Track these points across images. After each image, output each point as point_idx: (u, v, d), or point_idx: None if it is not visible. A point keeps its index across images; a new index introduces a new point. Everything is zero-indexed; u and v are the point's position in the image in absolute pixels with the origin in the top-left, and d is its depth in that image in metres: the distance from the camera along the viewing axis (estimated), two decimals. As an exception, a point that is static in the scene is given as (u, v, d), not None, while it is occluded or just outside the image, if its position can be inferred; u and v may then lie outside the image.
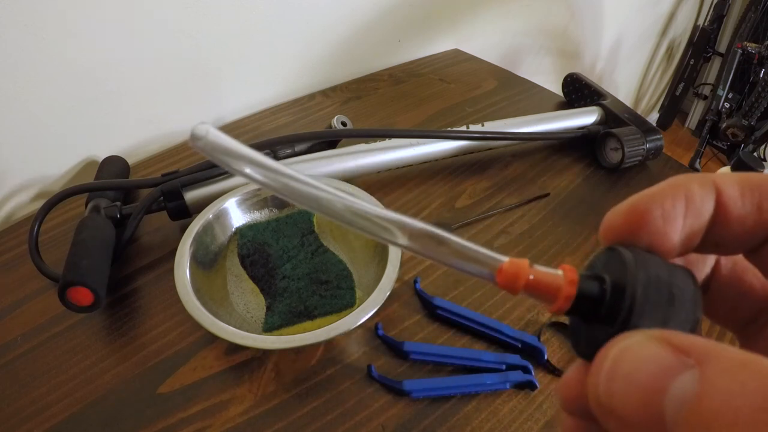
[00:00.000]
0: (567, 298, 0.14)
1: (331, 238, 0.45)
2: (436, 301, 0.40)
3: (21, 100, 0.50)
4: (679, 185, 0.14)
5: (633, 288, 0.13)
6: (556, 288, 0.14)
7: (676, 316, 0.13)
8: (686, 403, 0.10)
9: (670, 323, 0.13)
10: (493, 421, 0.34)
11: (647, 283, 0.13)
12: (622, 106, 0.60)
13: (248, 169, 0.14)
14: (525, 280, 0.14)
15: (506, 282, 0.14)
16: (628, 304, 0.13)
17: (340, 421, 0.34)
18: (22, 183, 0.54)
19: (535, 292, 0.14)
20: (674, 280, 0.13)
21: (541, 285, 0.14)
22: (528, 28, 1.03)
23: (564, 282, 0.14)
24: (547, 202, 0.52)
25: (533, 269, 0.14)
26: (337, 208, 0.15)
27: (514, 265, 0.14)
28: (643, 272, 0.13)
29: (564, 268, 0.14)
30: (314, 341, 0.33)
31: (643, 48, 1.49)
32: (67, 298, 0.36)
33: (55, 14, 0.48)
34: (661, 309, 0.13)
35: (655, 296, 0.13)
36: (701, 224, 0.14)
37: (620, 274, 0.14)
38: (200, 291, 0.37)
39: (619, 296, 0.13)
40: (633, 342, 0.12)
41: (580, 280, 0.14)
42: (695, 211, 0.14)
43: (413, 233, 0.15)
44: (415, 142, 0.53)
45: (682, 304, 0.13)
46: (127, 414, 0.35)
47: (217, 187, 0.47)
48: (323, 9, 0.68)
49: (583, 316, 0.14)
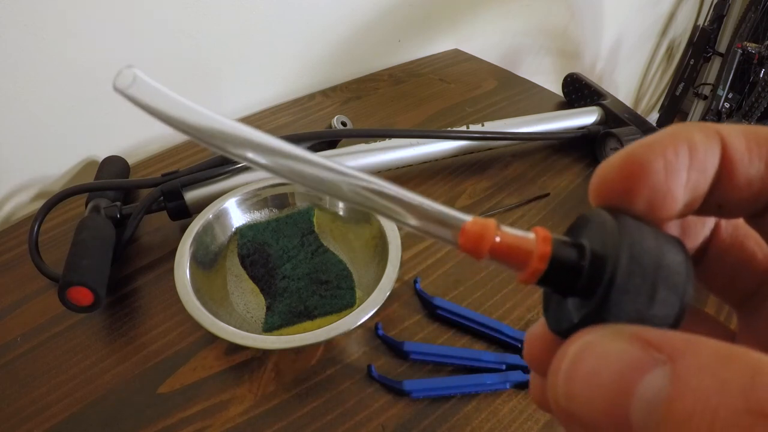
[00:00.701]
0: (538, 265, 0.12)
1: (331, 238, 0.45)
2: (436, 301, 0.40)
3: (21, 100, 0.50)
4: (680, 134, 0.12)
5: (615, 259, 0.11)
6: (526, 253, 0.12)
7: (663, 295, 0.11)
8: (655, 406, 0.09)
9: (655, 303, 0.11)
10: (493, 421, 0.34)
11: (632, 254, 0.11)
12: (622, 106, 0.60)
13: (182, 121, 0.13)
14: (490, 243, 0.12)
15: (469, 244, 0.12)
16: (608, 278, 0.11)
17: (340, 421, 0.34)
18: (22, 183, 0.54)
19: (502, 257, 0.12)
20: (664, 253, 0.11)
21: (509, 249, 0.12)
22: (528, 28, 1.03)
23: (536, 247, 0.12)
24: (547, 202, 0.52)
25: (500, 231, 0.12)
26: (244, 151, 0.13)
27: (478, 225, 0.12)
28: (627, 241, 0.11)
29: (536, 231, 0.13)
30: (314, 341, 0.33)
31: (643, 48, 1.49)
32: (67, 298, 0.36)
33: (55, 14, 0.48)
34: (646, 286, 0.11)
35: (640, 271, 0.11)
36: (706, 180, 0.12)
37: (602, 242, 0.12)
38: (200, 291, 0.37)
39: (599, 268, 0.11)
40: (595, 336, 0.10)
41: (554, 245, 0.12)
42: (699, 164, 0.12)
43: (357, 187, 0.13)
44: (415, 142, 0.53)
45: (671, 282, 0.11)
46: (127, 414, 0.35)
47: (217, 187, 0.47)
48: (323, 9, 0.68)
49: (557, 288, 0.13)
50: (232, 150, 0.13)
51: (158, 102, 0.13)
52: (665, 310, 0.11)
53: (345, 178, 0.13)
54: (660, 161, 0.12)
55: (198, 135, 0.13)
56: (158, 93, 0.13)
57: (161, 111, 0.13)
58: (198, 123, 0.13)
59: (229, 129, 0.13)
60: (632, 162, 0.12)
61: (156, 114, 0.13)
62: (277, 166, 0.13)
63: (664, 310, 0.11)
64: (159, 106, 0.13)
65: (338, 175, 0.13)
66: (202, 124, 0.13)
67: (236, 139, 0.13)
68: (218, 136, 0.13)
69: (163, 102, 0.13)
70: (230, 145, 0.13)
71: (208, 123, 0.13)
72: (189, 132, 0.13)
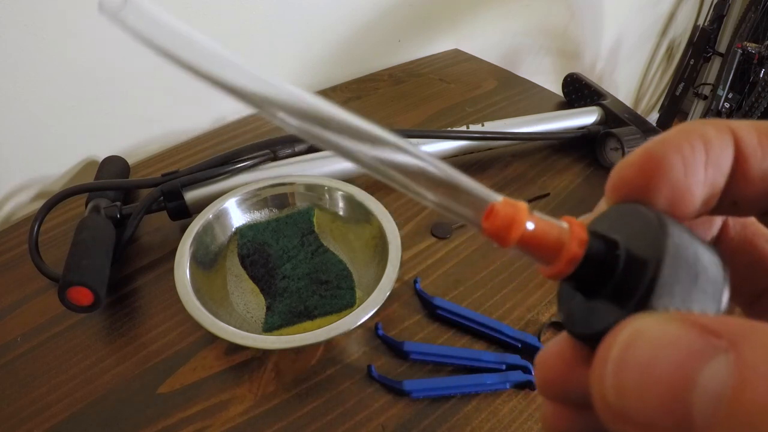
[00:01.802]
0: (571, 260, 0.11)
1: (331, 238, 0.45)
2: (436, 301, 0.40)
3: (21, 100, 0.50)
4: (694, 130, 0.11)
5: (658, 259, 0.10)
6: (559, 245, 0.11)
7: (702, 299, 0.10)
8: (721, 398, 0.08)
9: (694, 306, 0.10)
10: (493, 421, 0.34)
11: (676, 255, 0.10)
12: (622, 106, 0.60)
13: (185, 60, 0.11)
14: (521, 230, 0.11)
15: (497, 229, 0.11)
16: (649, 279, 0.10)
17: (340, 421, 0.34)
18: (22, 183, 0.54)
19: (532, 247, 0.11)
20: (700, 255, 0.11)
21: (541, 239, 0.11)
22: (528, 28, 1.03)
23: (570, 239, 0.11)
24: (547, 202, 0.52)
25: (534, 216, 0.11)
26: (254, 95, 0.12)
27: (509, 207, 0.11)
28: (672, 241, 0.10)
29: (570, 222, 0.11)
30: (314, 341, 0.33)
31: (643, 48, 1.49)
32: (67, 298, 0.36)
33: (55, 14, 0.48)
34: (686, 288, 0.10)
35: (682, 273, 0.10)
36: (722, 177, 0.11)
37: (640, 240, 0.11)
38: (200, 291, 0.37)
39: (637, 268, 0.10)
40: (648, 322, 0.09)
41: (589, 239, 0.11)
42: (715, 160, 0.11)
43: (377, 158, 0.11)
44: (415, 142, 0.53)
45: (710, 285, 0.10)
46: (127, 414, 0.35)
47: (217, 187, 0.47)
48: (323, 9, 0.68)
49: (584, 287, 0.12)
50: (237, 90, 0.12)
51: (156, 31, 0.11)
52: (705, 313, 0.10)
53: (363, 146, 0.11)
54: (678, 158, 0.11)
55: (208, 77, 0.12)
56: (152, 18, 0.11)
57: (160, 44, 0.11)
58: (204, 64, 0.12)
59: (235, 71, 0.12)
60: (651, 159, 0.11)
61: (153, 47, 0.11)
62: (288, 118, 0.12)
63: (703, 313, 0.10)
64: (157, 36, 0.11)
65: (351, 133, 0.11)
66: (210, 65, 0.12)
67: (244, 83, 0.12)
68: (224, 80, 0.12)
69: (163, 33, 0.11)
70: (236, 87, 0.12)
71: (219, 64, 0.12)
72: (197, 72, 0.12)
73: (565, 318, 0.12)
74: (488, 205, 0.11)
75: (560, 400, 0.12)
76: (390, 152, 0.11)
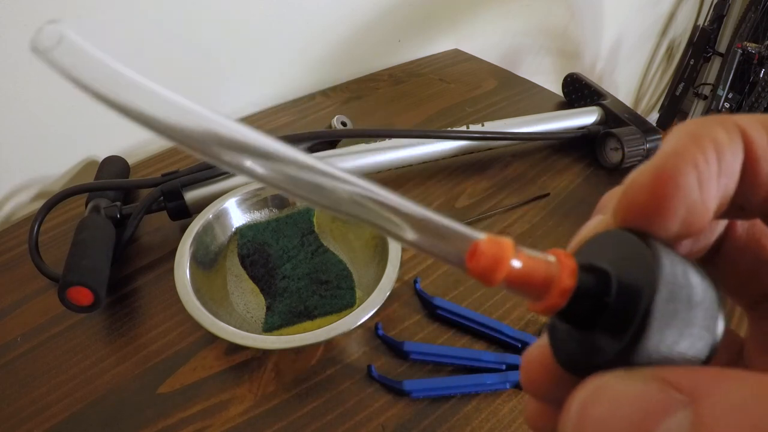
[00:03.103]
0: (563, 293, 0.11)
1: (331, 238, 0.45)
2: (436, 301, 0.40)
3: (21, 100, 0.50)
4: (703, 135, 0.10)
5: (651, 291, 0.10)
6: (548, 280, 0.11)
7: (696, 332, 0.10)
8: None
9: (688, 340, 0.10)
10: (493, 421, 0.34)
11: (669, 290, 0.10)
12: (622, 106, 0.60)
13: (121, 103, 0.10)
14: (507, 269, 0.10)
15: (482, 269, 0.10)
16: (642, 312, 0.10)
17: (340, 421, 0.34)
18: (22, 183, 0.54)
19: (520, 286, 0.11)
20: (694, 286, 0.10)
21: (529, 276, 0.10)
22: (528, 28, 1.03)
23: (559, 272, 0.11)
24: (547, 202, 0.52)
25: (519, 252, 0.11)
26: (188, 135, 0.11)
27: (494, 246, 0.10)
28: (664, 275, 0.10)
29: (557, 254, 0.11)
30: (314, 341, 0.33)
31: (643, 48, 1.49)
32: (67, 298, 0.36)
33: (55, 14, 0.48)
34: (680, 323, 0.10)
35: (676, 307, 0.10)
36: (733, 184, 0.11)
37: (630, 272, 0.10)
38: (200, 291, 0.37)
39: (630, 300, 0.10)
40: (609, 379, 0.09)
41: (579, 274, 0.11)
42: (728, 168, 0.10)
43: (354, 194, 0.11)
44: (415, 142, 0.53)
45: (704, 318, 0.10)
46: (127, 414, 0.35)
47: (217, 187, 0.47)
48: (323, 9, 0.68)
49: (574, 319, 0.11)
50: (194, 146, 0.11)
51: (89, 73, 0.10)
52: (698, 347, 0.10)
53: (334, 182, 0.11)
54: (692, 174, 0.10)
55: (140, 119, 0.10)
56: (89, 60, 0.10)
57: (92, 86, 0.10)
58: (136, 102, 0.10)
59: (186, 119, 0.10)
60: (663, 179, 0.10)
61: (86, 88, 0.10)
62: (237, 164, 0.11)
63: (697, 347, 0.10)
64: (90, 79, 0.10)
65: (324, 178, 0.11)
66: (140, 103, 0.10)
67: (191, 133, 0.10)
68: (160, 124, 0.11)
69: (98, 74, 0.10)
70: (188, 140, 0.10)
71: (156, 107, 0.10)
72: (128, 114, 0.10)
73: (555, 351, 0.12)
74: (471, 243, 0.11)
75: (543, 399, 0.12)
76: (365, 192, 0.11)
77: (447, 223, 0.11)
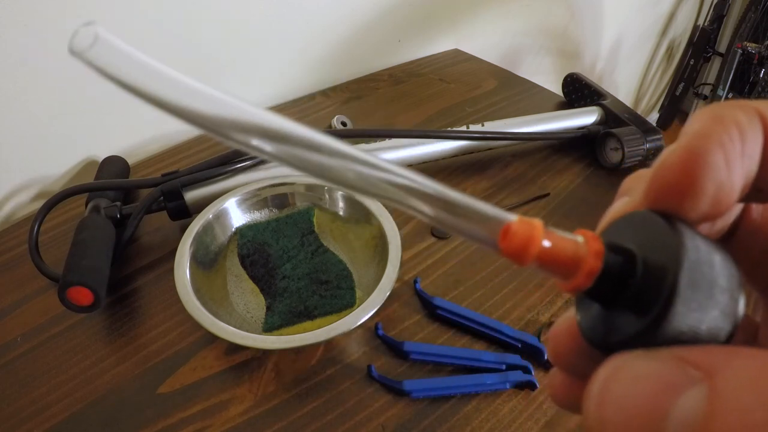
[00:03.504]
0: (589, 273, 0.11)
1: (331, 238, 0.45)
2: (436, 301, 0.40)
3: (21, 100, 0.50)
4: (727, 117, 0.11)
5: (675, 269, 0.10)
6: (576, 260, 0.11)
7: (717, 312, 0.10)
8: (693, 428, 0.08)
9: (710, 319, 0.10)
10: (493, 421, 0.34)
11: (692, 269, 0.10)
12: (622, 106, 0.60)
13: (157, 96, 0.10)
14: (538, 248, 0.11)
15: (514, 249, 0.11)
16: (667, 290, 0.10)
17: (340, 421, 0.34)
18: (22, 183, 0.54)
19: (550, 264, 0.11)
20: (716, 266, 0.11)
21: (558, 255, 0.11)
22: (528, 28, 1.03)
23: (587, 253, 0.11)
24: (547, 202, 0.52)
25: (549, 233, 0.11)
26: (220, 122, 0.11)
27: (525, 226, 0.11)
28: (688, 255, 0.10)
29: (585, 235, 0.11)
30: (314, 341, 0.33)
31: (643, 48, 1.49)
32: (67, 298, 0.36)
33: (55, 14, 0.48)
34: (702, 302, 0.10)
35: (699, 287, 0.10)
36: (755, 166, 0.11)
37: (655, 252, 0.11)
38: (200, 291, 0.37)
39: (655, 278, 0.10)
40: (627, 358, 0.10)
41: (605, 251, 0.11)
42: (750, 149, 0.11)
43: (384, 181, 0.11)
44: (415, 142, 0.53)
45: (725, 297, 0.10)
46: (127, 414, 0.35)
47: (217, 187, 0.47)
48: (323, 9, 0.68)
49: (602, 297, 0.12)
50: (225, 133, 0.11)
51: (125, 69, 0.10)
52: (719, 327, 0.10)
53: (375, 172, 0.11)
54: (720, 153, 0.11)
55: (176, 112, 0.11)
56: (125, 57, 0.10)
57: (129, 81, 0.11)
58: (177, 99, 0.11)
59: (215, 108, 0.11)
60: (693, 158, 0.11)
61: (123, 84, 0.11)
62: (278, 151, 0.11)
63: (718, 327, 0.10)
64: (126, 74, 0.10)
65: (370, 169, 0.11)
66: (182, 100, 0.11)
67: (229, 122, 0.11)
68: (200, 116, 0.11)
69: (132, 69, 0.10)
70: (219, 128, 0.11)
71: (190, 100, 0.11)
72: (164, 107, 0.11)
73: (582, 327, 0.12)
74: (503, 225, 0.11)
75: (569, 371, 0.13)
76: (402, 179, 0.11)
77: (478, 205, 0.11)
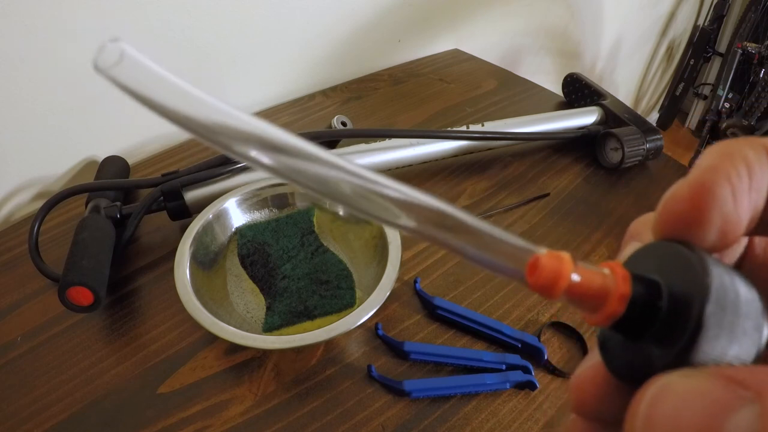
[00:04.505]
0: (621, 298, 0.11)
1: (331, 238, 0.45)
2: (436, 301, 0.40)
3: (21, 100, 0.50)
4: (735, 152, 0.11)
5: (701, 302, 0.10)
6: (603, 293, 0.11)
7: (744, 337, 0.10)
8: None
9: (737, 345, 0.10)
10: (493, 421, 0.34)
11: (718, 296, 0.10)
12: (622, 106, 0.60)
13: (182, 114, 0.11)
14: (567, 282, 0.11)
15: (543, 283, 0.11)
16: (694, 322, 0.10)
17: (340, 421, 0.34)
18: (22, 183, 0.54)
19: (579, 298, 0.11)
20: (740, 292, 0.11)
21: (587, 289, 0.11)
22: (528, 28, 1.03)
23: (615, 286, 0.11)
24: (547, 202, 0.52)
25: (578, 266, 0.11)
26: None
27: (554, 260, 0.11)
28: (713, 282, 0.10)
29: (612, 268, 0.11)
30: (314, 341, 0.33)
31: (643, 48, 1.49)
32: (67, 298, 0.36)
33: (54, 14, 0.48)
34: (729, 328, 0.10)
35: (725, 313, 0.10)
36: (762, 200, 0.11)
37: (681, 281, 0.11)
38: (200, 291, 0.37)
39: (681, 310, 0.10)
40: (675, 378, 0.10)
41: (633, 285, 0.11)
42: (757, 184, 0.11)
43: (420, 212, 0.12)
44: (415, 142, 0.53)
45: (750, 323, 0.10)
46: (127, 414, 0.35)
47: (217, 187, 0.47)
48: (323, 9, 0.68)
49: (628, 330, 0.11)
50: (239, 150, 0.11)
51: (151, 88, 0.10)
52: (746, 351, 0.10)
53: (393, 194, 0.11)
54: (727, 186, 0.11)
55: (199, 131, 0.11)
56: (150, 75, 0.10)
57: (153, 99, 0.11)
58: (200, 116, 0.11)
59: (240, 125, 0.11)
60: (701, 190, 0.11)
61: (148, 103, 0.11)
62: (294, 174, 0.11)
63: (745, 351, 0.10)
64: (151, 92, 0.10)
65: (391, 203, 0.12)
66: (205, 117, 0.11)
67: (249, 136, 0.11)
68: (225, 133, 0.11)
69: (157, 87, 0.10)
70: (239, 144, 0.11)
71: (214, 116, 0.11)
72: (188, 127, 0.11)
73: (613, 365, 0.12)
74: (531, 258, 0.11)
75: (593, 418, 0.12)
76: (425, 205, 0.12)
77: (505, 237, 0.11)
